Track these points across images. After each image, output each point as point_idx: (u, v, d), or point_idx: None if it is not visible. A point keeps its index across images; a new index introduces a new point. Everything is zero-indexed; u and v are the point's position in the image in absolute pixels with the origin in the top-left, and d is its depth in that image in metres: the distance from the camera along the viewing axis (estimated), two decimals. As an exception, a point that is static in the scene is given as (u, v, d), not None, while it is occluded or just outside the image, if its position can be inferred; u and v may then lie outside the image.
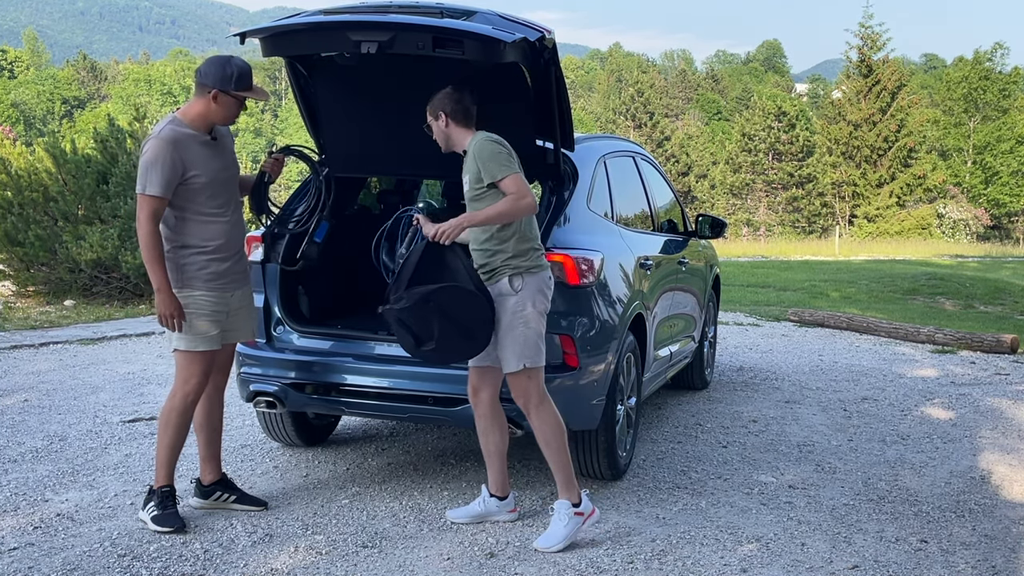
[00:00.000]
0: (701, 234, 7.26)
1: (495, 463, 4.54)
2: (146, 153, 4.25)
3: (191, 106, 4.41)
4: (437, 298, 4.17)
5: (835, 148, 52.91)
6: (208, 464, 4.67)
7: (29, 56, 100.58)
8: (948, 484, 5.46)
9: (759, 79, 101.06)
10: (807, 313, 12.66)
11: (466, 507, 4.61)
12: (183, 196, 4.29)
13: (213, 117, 4.37)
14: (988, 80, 62.94)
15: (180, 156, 4.25)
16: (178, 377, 4.42)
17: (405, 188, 6.76)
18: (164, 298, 4.24)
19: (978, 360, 9.77)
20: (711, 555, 4.25)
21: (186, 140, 4.30)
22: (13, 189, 12.42)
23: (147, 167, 4.21)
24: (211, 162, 4.38)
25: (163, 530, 4.32)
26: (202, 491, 4.67)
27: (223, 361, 4.61)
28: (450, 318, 4.18)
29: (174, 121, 4.35)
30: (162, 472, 4.44)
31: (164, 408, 4.43)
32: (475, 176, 4.25)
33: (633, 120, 60.61)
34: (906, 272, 20.21)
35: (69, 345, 9.13)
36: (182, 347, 4.36)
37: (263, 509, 4.70)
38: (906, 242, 41.19)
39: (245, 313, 4.61)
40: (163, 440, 4.42)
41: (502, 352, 4.27)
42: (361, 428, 6.26)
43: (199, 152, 4.33)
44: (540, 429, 4.33)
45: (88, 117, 65.30)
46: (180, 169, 4.25)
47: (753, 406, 7.32)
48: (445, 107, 4.34)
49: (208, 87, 4.32)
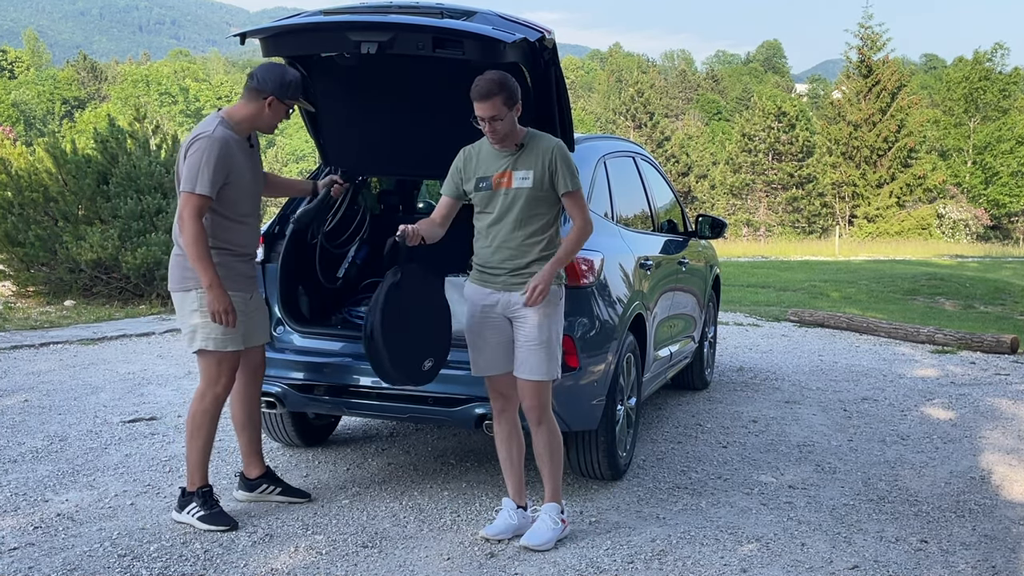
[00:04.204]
0: (701, 234, 7.27)
1: (516, 471, 4.44)
2: (196, 151, 4.23)
3: (238, 109, 4.42)
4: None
5: (835, 148, 52.90)
6: (253, 459, 4.74)
7: (29, 56, 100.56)
8: (948, 484, 5.46)
9: (759, 79, 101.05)
10: (807, 313, 12.66)
11: (499, 523, 4.41)
12: (219, 199, 4.31)
13: (260, 123, 4.43)
14: (988, 80, 62.91)
15: (228, 158, 4.29)
16: (204, 379, 4.42)
17: (405, 188, 6.76)
18: (218, 293, 4.22)
19: (978, 360, 9.77)
20: (711, 555, 4.26)
21: (233, 144, 4.33)
22: (13, 189, 12.41)
23: (198, 165, 4.20)
24: (247, 169, 4.44)
25: (217, 529, 4.35)
26: (247, 484, 4.74)
27: (258, 361, 4.67)
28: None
29: (223, 122, 4.36)
30: (197, 473, 4.44)
31: (194, 411, 4.42)
32: (540, 176, 4.16)
33: (633, 120, 60.60)
34: (906, 272, 20.21)
35: (69, 345, 9.13)
36: (211, 347, 4.35)
37: (307, 501, 4.77)
38: (906, 242, 41.21)
39: (261, 315, 4.66)
40: (195, 443, 4.42)
41: (535, 360, 4.19)
42: (361, 428, 6.26)
43: (240, 158, 4.38)
44: (548, 439, 4.31)
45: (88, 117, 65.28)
46: (226, 171, 4.29)
47: (753, 406, 7.32)
48: (516, 95, 4.14)
49: (265, 93, 4.35)
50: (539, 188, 4.17)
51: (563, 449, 4.41)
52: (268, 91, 4.36)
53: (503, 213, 4.22)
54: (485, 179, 4.25)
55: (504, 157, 4.24)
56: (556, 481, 4.37)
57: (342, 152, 5.51)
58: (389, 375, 4.26)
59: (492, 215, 4.25)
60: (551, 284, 4.16)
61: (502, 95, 4.07)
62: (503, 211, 4.22)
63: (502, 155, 4.24)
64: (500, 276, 4.24)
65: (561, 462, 4.39)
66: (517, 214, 4.20)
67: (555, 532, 4.30)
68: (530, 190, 4.18)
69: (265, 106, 4.37)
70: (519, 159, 4.21)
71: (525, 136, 4.24)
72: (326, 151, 5.52)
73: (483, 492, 5.01)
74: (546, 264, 4.17)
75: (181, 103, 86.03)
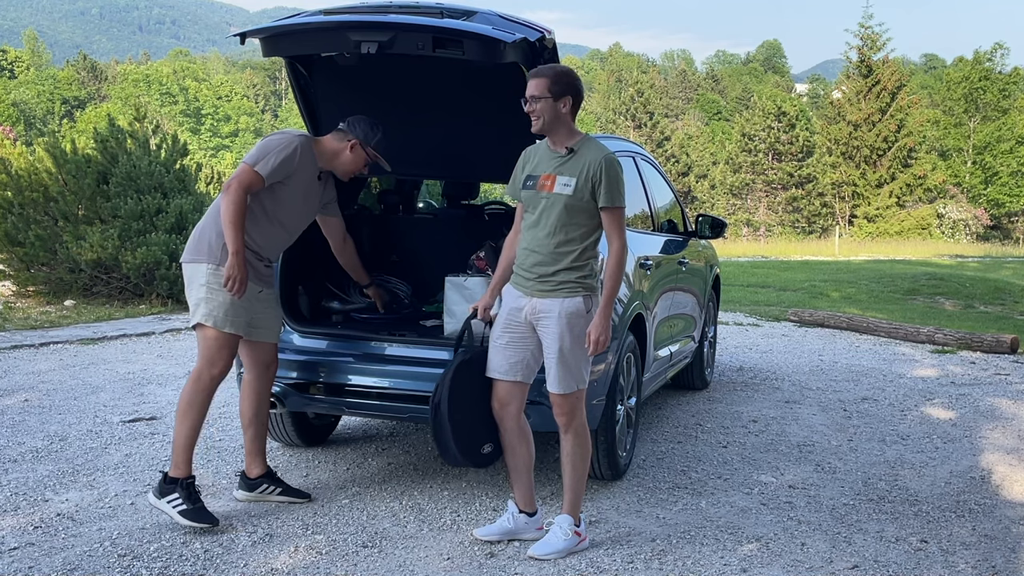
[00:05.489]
0: (701, 234, 7.27)
1: (523, 478, 4.37)
2: (276, 138, 4.50)
3: (327, 141, 4.69)
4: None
5: (835, 148, 52.91)
6: (256, 458, 4.74)
7: (29, 56, 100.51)
8: (948, 484, 5.46)
9: (759, 79, 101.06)
10: (807, 313, 12.66)
11: (494, 524, 4.43)
12: (270, 190, 4.46)
13: (338, 163, 4.67)
14: (988, 80, 62.89)
15: (298, 163, 4.48)
16: (203, 357, 4.41)
17: (405, 188, 6.76)
18: (238, 260, 4.29)
19: (978, 360, 9.77)
20: (711, 555, 4.25)
21: (309, 157, 4.57)
22: (13, 189, 12.42)
23: (270, 149, 4.43)
24: (306, 188, 4.61)
25: (197, 525, 4.32)
26: (248, 484, 4.74)
27: (269, 359, 4.69)
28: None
29: (310, 140, 4.64)
30: (183, 459, 4.40)
31: (188, 390, 4.40)
32: (582, 186, 4.04)
33: (633, 120, 60.62)
34: (906, 272, 20.21)
35: (69, 345, 9.13)
36: (209, 323, 4.36)
37: (307, 501, 4.77)
38: (906, 242, 41.22)
39: (272, 314, 4.67)
40: (185, 423, 4.38)
41: (559, 371, 4.11)
42: (361, 428, 6.26)
43: (307, 174, 4.59)
44: (572, 450, 4.24)
45: (88, 117, 65.25)
46: (289, 171, 4.47)
47: (753, 406, 7.32)
48: (571, 92, 4.06)
49: (351, 137, 4.65)
50: (579, 198, 4.04)
51: (588, 466, 4.31)
52: (354, 136, 4.65)
53: (540, 217, 4.11)
54: (533, 178, 4.16)
55: (555, 159, 4.13)
56: (576, 493, 4.27)
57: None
58: (450, 451, 4.24)
59: (533, 217, 4.15)
60: (608, 329, 4.05)
61: (550, 78, 4.03)
62: (540, 215, 4.11)
63: (554, 157, 4.14)
64: (530, 281, 4.13)
65: (584, 474, 4.28)
66: (553, 220, 4.08)
67: (566, 544, 4.19)
68: (569, 198, 4.05)
69: (348, 147, 4.64)
70: (566, 164, 4.09)
71: (579, 142, 4.13)
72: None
73: (483, 492, 5.01)
74: (597, 310, 4.07)
75: (181, 103, 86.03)
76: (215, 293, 4.35)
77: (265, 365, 4.68)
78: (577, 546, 4.25)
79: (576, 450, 4.25)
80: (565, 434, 4.25)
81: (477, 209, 6.47)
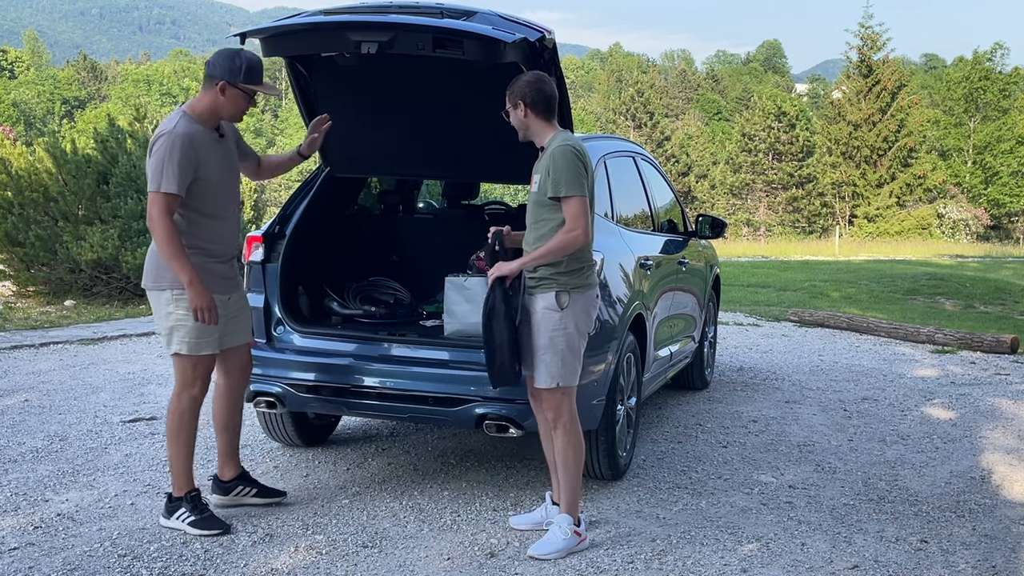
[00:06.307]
0: (701, 234, 7.26)
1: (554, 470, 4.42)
2: (159, 149, 4.12)
3: (199, 100, 4.30)
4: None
5: (835, 148, 52.92)
6: (229, 461, 4.69)
7: (29, 56, 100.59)
8: (948, 484, 5.46)
9: (759, 79, 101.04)
10: (807, 313, 12.66)
11: (529, 514, 4.51)
12: (190, 194, 4.19)
13: (221, 111, 4.29)
14: (988, 80, 62.88)
15: (194, 153, 4.16)
16: (179, 382, 4.36)
17: (405, 188, 6.76)
18: (199, 290, 4.12)
19: (978, 360, 9.77)
20: (711, 555, 4.25)
21: (198, 136, 4.21)
22: (13, 189, 12.43)
23: (162, 163, 4.09)
24: (219, 161, 4.32)
25: (210, 534, 4.29)
26: (222, 487, 4.68)
27: (244, 361, 4.62)
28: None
29: (185, 116, 4.24)
30: (183, 478, 4.38)
31: (172, 414, 4.36)
32: (543, 181, 4.12)
33: (633, 120, 60.63)
34: (906, 272, 20.20)
35: (69, 345, 9.13)
36: (184, 351, 4.28)
37: (283, 499, 4.74)
38: (906, 242, 41.20)
39: (242, 316, 4.59)
40: (177, 447, 4.36)
41: (537, 365, 4.19)
42: (361, 428, 6.26)
43: (210, 150, 4.26)
44: (564, 448, 4.27)
45: (88, 117, 65.22)
46: (193, 166, 4.16)
47: (753, 406, 7.32)
48: (525, 96, 4.15)
49: (216, 78, 4.23)
50: (542, 192, 4.15)
51: (582, 463, 4.32)
52: (217, 75, 4.22)
53: (527, 213, 4.28)
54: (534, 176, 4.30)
55: (538, 160, 4.27)
56: (572, 491, 4.29)
57: (342, 152, 5.51)
58: (499, 364, 4.17)
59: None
60: (516, 272, 4.12)
61: (509, 91, 4.21)
62: (527, 211, 4.28)
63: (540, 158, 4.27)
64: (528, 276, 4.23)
65: (576, 473, 4.30)
66: (531, 218, 4.23)
67: (565, 544, 4.20)
68: (535, 194, 4.19)
69: (218, 92, 4.23)
70: (539, 162, 4.24)
71: (550, 139, 4.21)
72: (326, 151, 5.53)
73: (483, 492, 5.01)
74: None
75: (181, 103, 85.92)
76: (184, 319, 4.23)
77: (240, 369, 4.61)
78: (577, 546, 4.26)
79: (567, 447, 4.27)
80: (554, 430, 4.29)
81: (477, 209, 6.48)
